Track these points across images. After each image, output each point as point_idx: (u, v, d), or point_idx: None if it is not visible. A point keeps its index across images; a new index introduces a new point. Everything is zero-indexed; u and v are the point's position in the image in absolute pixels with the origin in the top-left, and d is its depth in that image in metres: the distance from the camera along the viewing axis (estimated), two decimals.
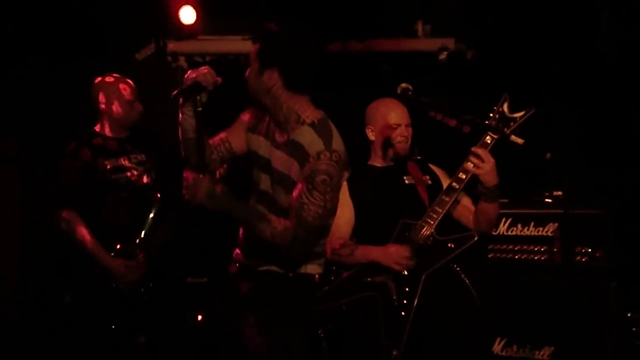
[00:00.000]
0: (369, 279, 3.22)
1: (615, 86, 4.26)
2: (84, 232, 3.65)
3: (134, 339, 3.75)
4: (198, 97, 2.62)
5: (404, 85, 3.32)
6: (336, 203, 2.70)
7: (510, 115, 3.21)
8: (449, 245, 3.21)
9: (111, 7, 4.78)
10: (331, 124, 2.68)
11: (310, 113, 2.67)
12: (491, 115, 3.24)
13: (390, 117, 3.43)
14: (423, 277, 3.16)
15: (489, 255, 4.03)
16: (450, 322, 3.15)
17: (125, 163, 3.77)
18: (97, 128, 3.83)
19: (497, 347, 3.91)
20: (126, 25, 4.90)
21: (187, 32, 4.91)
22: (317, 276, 2.77)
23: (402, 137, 3.41)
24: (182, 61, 5.04)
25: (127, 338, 3.73)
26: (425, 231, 3.21)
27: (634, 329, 3.78)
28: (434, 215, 3.23)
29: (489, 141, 3.22)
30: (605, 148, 4.26)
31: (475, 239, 3.21)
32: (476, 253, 3.87)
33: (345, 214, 3.37)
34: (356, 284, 3.23)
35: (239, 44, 4.96)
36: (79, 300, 3.74)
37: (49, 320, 4.70)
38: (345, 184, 3.44)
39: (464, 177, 3.23)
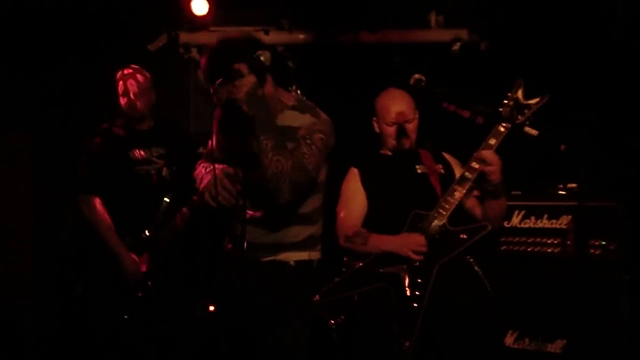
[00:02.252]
0: (381, 270, 3.19)
1: (630, 76, 4.22)
2: (104, 218, 3.69)
3: (146, 330, 3.76)
4: None
5: (416, 76, 3.30)
6: (321, 162, 2.85)
7: (525, 103, 3.12)
8: (462, 236, 3.17)
9: None
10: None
11: (287, 97, 2.89)
12: (505, 102, 3.15)
13: (388, 113, 3.38)
14: (435, 268, 3.13)
15: (502, 248, 4.01)
16: (463, 314, 3.12)
17: (146, 155, 3.78)
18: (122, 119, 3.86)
19: (509, 340, 3.90)
20: (139, 17, 4.90)
21: (199, 24, 4.89)
22: (315, 262, 2.97)
23: (398, 133, 3.37)
24: (194, 52, 5.03)
25: (140, 329, 3.74)
26: (438, 222, 3.17)
27: None
28: (446, 206, 3.17)
29: (502, 130, 3.15)
30: (619, 140, 4.23)
31: (489, 229, 3.17)
32: (489, 245, 3.86)
33: (357, 202, 3.35)
34: (368, 275, 3.21)
35: None
36: (92, 290, 3.76)
37: (62, 310, 4.71)
38: (357, 171, 3.43)
39: (477, 166, 3.16)
